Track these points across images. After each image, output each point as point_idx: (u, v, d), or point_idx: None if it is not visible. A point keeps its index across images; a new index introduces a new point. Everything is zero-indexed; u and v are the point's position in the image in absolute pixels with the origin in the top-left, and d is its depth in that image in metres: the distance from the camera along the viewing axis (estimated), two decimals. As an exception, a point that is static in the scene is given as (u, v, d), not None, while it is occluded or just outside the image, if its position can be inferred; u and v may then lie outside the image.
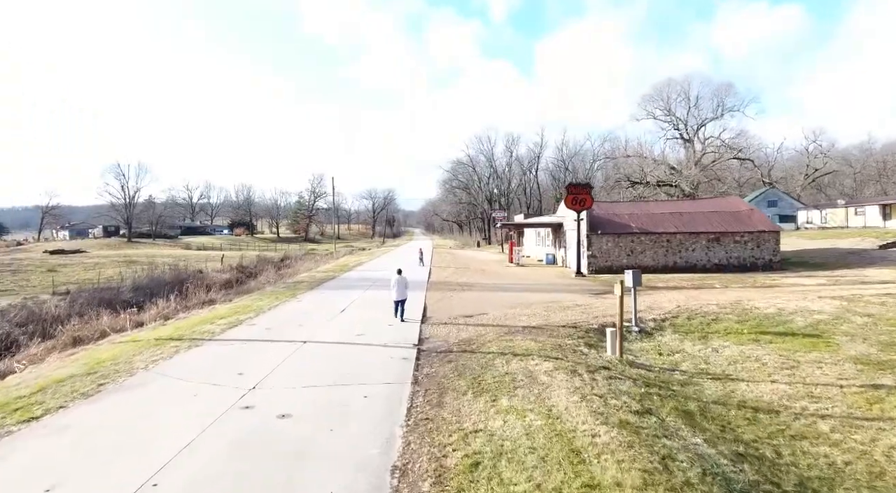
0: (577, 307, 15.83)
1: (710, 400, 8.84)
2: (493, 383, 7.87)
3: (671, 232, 28.23)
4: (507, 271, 30.63)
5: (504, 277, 26.91)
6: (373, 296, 18.72)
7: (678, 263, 28.09)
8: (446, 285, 22.67)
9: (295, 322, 13.35)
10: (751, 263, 27.91)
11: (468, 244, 79.28)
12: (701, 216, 29.63)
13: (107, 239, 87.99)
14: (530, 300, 17.34)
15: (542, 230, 39.43)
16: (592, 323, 13.64)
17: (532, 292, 19.71)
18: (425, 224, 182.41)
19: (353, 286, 21.92)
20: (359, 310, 15.44)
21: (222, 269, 42.11)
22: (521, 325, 13.02)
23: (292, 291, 20.76)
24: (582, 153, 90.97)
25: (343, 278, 26.16)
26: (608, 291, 20.23)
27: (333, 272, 29.68)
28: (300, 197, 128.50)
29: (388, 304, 16.08)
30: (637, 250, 28.26)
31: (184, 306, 18.16)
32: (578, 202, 27.03)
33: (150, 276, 31.57)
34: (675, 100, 53.95)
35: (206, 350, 10.41)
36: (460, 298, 18.35)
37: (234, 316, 14.63)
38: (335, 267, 34.44)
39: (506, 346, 10.54)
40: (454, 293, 19.56)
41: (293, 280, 26.32)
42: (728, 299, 17.19)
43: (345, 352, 10.15)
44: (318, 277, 27.25)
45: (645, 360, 11.31)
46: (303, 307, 16.17)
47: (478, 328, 12.64)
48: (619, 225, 29.02)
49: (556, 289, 20.97)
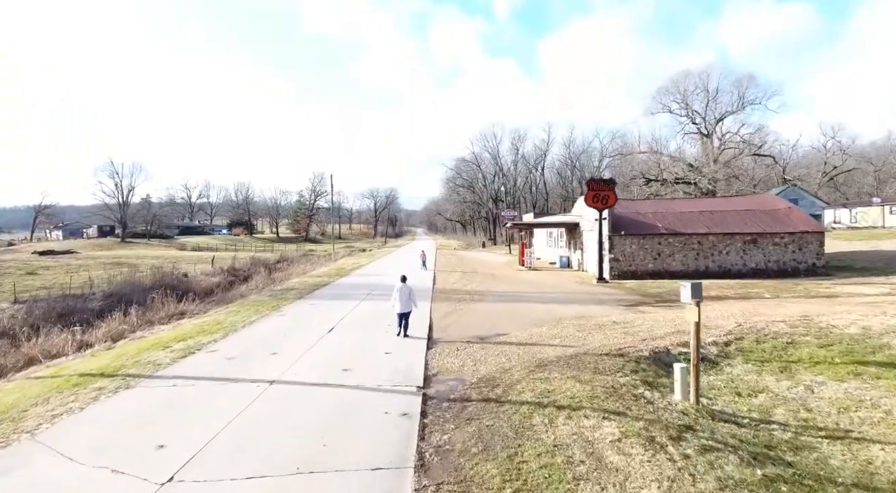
0: (616, 326, 13.04)
1: (849, 481, 6.07)
2: (540, 473, 5.10)
3: (702, 233, 25.40)
4: (519, 276, 27.85)
5: (517, 283, 24.13)
6: (369, 308, 15.99)
7: (710, 267, 25.26)
8: (454, 293, 19.92)
9: (268, 348, 10.61)
10: (792, 267, 25.06)
11: (472, 245, 76.50)
12: (734, 215, 26.78)
13: (101, 239, 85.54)
14: (556, 315, 14.56)
15: (555, 231, 36.64)
16: (641, 349, 10.86)
17: (555, 304, 16.94)
18: (428, 224, 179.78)
19: (348, 295, 19.18)
20: (350, 329, 12.70)
21: (212, 271, 39.46)
22: (554, 353, 10.25)
23: (277, 301, 18.04)
24: (590, 151, 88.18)
25: (338, 285, 23.42)
26: (643, 302, 17.45)
27: (328, 277, 26.96)
28: (300, 196, 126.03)
29: (386, 320, 13.39)
30: (665, 253, 25.45)
31: (147, 321, 15.47)
32: (600, 200, 24.23)
33: (130, 280, 28.90)
34: (693, 92, 51.02)
35: (135, 396, 7.68)
36: (472, 311, 15.60)
37: (196, 337, 11.91)
38: (331, 271, 31.73)
39: (543, 390, 7.78)
40: (464, 305, 16.80)
41: (282, 287, 23.61)
42: (791, 314, 14.38)
43: (323, 401, 7.40)
44: (310, 282, 24.53)
45: (725, 405, 8.54)
46: (283, 325, 13.44)
47: (499, 358, 9.87)
48: (644, 225, 26.21)
49: (580, 299, 18.19)
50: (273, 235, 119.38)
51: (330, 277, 27.17)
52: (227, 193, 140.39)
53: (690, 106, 51.27)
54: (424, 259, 32.21)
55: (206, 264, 47.94)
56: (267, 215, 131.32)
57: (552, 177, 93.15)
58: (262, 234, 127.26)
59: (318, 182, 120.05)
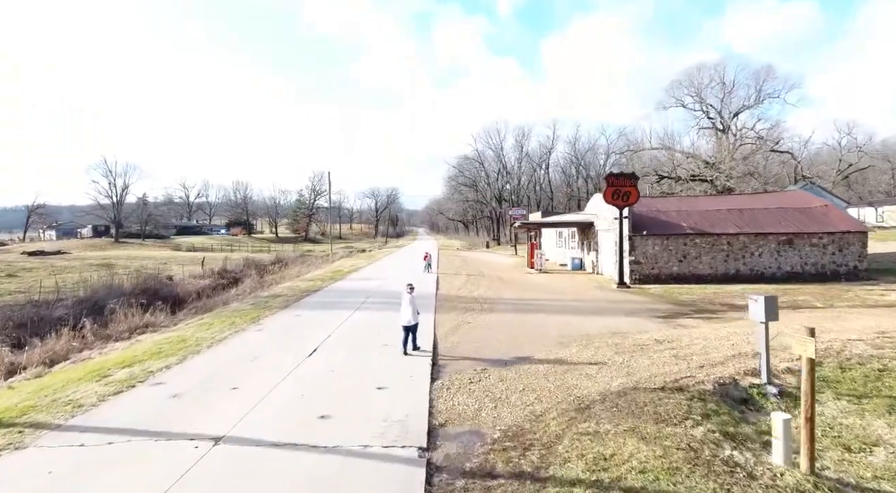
0: (660, 347, 10.76)
1: None
2: None
3: (732, 233, 23.10)
4: (529, 279, 25.58)
5: (529, 288, 21.87)
6: (363, 320, 13.75)
7: (741, 270, 22.97)
8: (460, 300, 17.67)
9: (229, 379, 8.38)
10: (831, 270, 22.75)
11: (476, 245, 74.23)
12: (766, 214, 24.48)
13: (94, 239, 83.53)
14: (583, 330, 12.31)
15: (566, 231, 34.35)
16: (702, 380, 8.60)
17: (577, 315, 14.67)
18: (429, 224, 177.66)
19: (340, 304, 16.95)
20: (337, 350, 10.46)
21: (201, 274, 37.24)
22: (595, 387, 7.99)
23: (259, 310, 15.81)
24: (596, 148, 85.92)
25: (330, 291, 21.18)
26: (679, 313, 15.16)
27: (321, 281, 24.72)
28: (300, 195, 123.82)
29: (381, 336, 11.19)
30: (691, 254, 23.15)
31: (104, 336, 13.24)
32: (621, 196, 21.96)
33: (108, 284, 26.70)
34: (708, 86, 48.65)
35: (13, 468, 5.42)
36: (482, 323, 13.35)
37: (147, 361, 9.69)
38: (326, 274, 29.50)
39: (596, 455, 5.52)
40: (472, 316, 14.55)
41: (269, 292, 21.39)
42: (863, 329, 12.10)
43: (280, 479, 5.13)
44: (301, 287, 22.31)
45: (838, 467, 6.26)
46: (258, 344, 11.20)
47: (525, 395, 7.62)
48: (668, 224, 23.93)
49: (604, 309, 15.91)
50: (272, 236, 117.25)
51: (323, 281, 24.93)
52: (227, 193, 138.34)
53: (705, 100, 48.97)
54: (430, 261, 29.90)
55: (198, 265, 45.79)
56: (266, 215, 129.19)
57: (556, 176, 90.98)
58: (261, 234, 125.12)
59: (318, 181, 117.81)
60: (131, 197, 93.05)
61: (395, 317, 13.68)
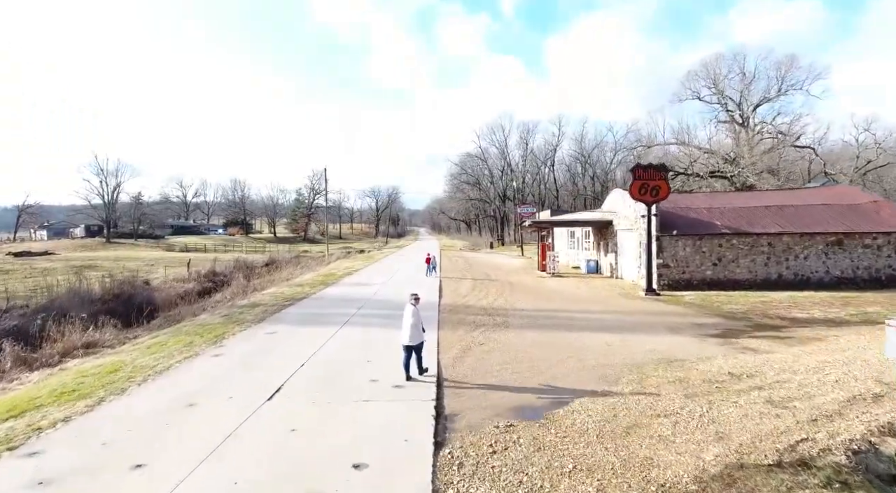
0: (738, 383, 8.09)
1: None
2: None
3: (774, 233, 20.41)
4: (543, 284, 22.90)
5: (546, 295, 19.21)
6: (350, 341, 11.13)
7: (784, 275, 20.28)
8: (467, 311, 15.03)
9: (135, 450, 5.76)
10: (887, 275, 20.04)
11: (479, 245, 71.58)
12: (809, 211, 21.79)
13: (86, 239, 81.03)
14: (627, 355, 9.66)
15: (579, 231, 31.69)
16: (826, 444, 5.95)
17: (612, 333, 12.00)
18: (431, 223, 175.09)
19: (325, 317, 14.32)
20: (305, 394, 7.83)
21: (185, 277, 34.66)
22: (681, 466, 5.34)
23: (227, 326, 13.19)
24: (602, 145, 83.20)
25: (319, 298, 18.56)
26: (734, 329, 12.46)
27: (310, 287, 22.10)
28: (299, 194, 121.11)
29: (370, 369, 8.61)
30: (727, 257, 20.46)
31: (25, 361, 10.61)
32: (650, 191, 19.29)
33: (75, 290, 24.12)
34: (726, 77, 45.85)
35: None
36: (498, 345, 10.71)
37: (46, 408, 7.10)
38: (318, 277, 26.87)
39: None
40: (485, 333, 11.90)
41: (249, 300, 18.76)
42: None
43: None
44: (286, 294, 19.69)
45: None
46: (205, 379, 8.58)
47: (577, 479, 4.99)
48: (699, 223, 21.25)
49: (640, 323, 13.24)
50: (271, 236, 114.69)
51: (313, 286, 22.31)
52: (225, 192, 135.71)
53: (723, 91, 46.14)
54: (434, 264, 27.24)
55: (190, 266, 43.22)
56: (264, 215, 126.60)
57: (561, 174, 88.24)
58: (259, 234, 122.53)
59: (317, 180, 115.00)
60: (125, 196, 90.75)
61: (391, 335, 11.10)
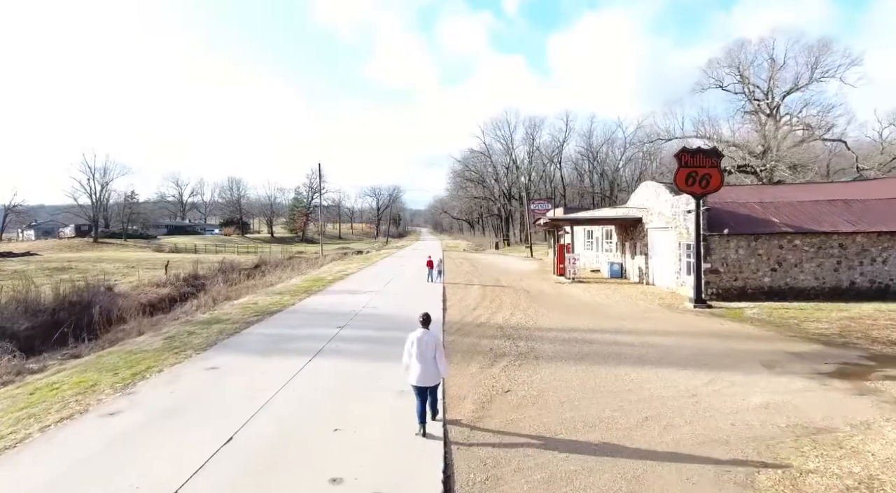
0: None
1: None
2: None
3: (845, 232, 17.01)
4: (565, 293, 19.51)
5: (573, 308, 15.81)
6: (318, 383, 7.81)
7: (858, 282, 16.89)
8: (480, 333, 11.70)
9: None
10: (983, 283, 16.66)
11: (483, 246, 68.20)
12: (882, 206, 18.38)
13: (75, 239, 77.97)
14: (736, 422, 6.32)
15: (599, 230, 28.31)
16: None
17: (685, 370, 8.64)
18: (433, 223, 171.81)
19: (293, 341, 11.00)
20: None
21: (161, 281, 31.37)
22: None
23: (163, 354, 9.89)
24: (612, 141, 79.74)
25: (295, 311, 15.22)
26: (851, 361, 9.04)
27: (291, 295, 18.77)
28: (297, 193, 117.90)
29: (339, 437, 5.18)
30: (788, 260, 17.08)
31: None
32: (698, 181, 15.93)
33: (22, 298, 20.86)
34: (753, 63, 42.34)
35: None
36: (530, 397, 7.36)
37: None
38: (303, 283, 23.53)
39: None
40: (507, 373, 8.55)
41: (212, 313, 15.44)
42: None
43: None
44: (258, 306, 16.37)
45: None
46: (62, 467, 5.24)
47: None
48: (753, 220, 17.87)
49: (715, 353, 9.86)
50: (268, 236, 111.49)
51: (295, 294, 18.99)
52: (223, 192, 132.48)
53: (749, 79, 42.62)
54: (440, 269, 23.74)
55: (172, 268, 39.96)
56: (262, 215, 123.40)
57: (567, 172, 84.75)
58: (257, 233, 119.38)
59: (316, 179, 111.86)
60: (118, 195, 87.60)
61: (377, 372, 7.91)
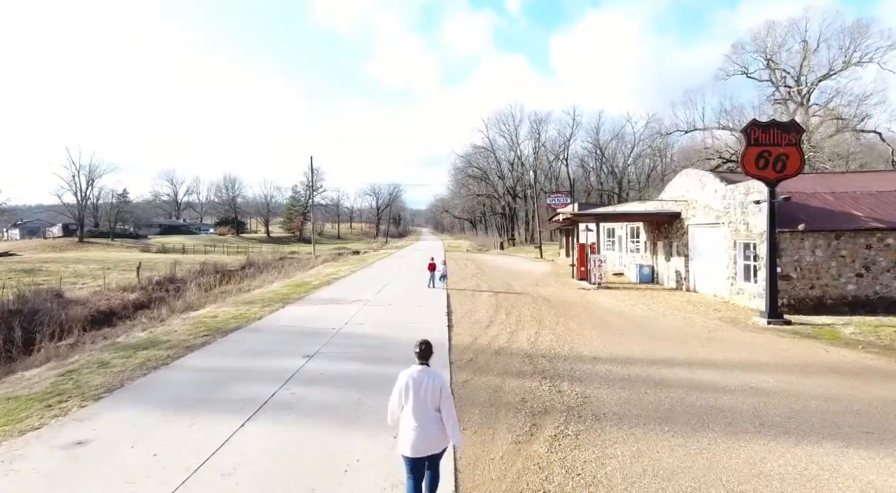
0: None
1: None
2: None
3: (948, 228, 13.66)
4: (593, 301, 16.13)
5: (614, 325, 12.42)
6: (242, 474, 4.44)
7: (967, 291, 13.53)
8: (501, 368, 8.36)
9: None
10: None
11: (487, 246, 64.80)
12: None
13: (61, 239, 74.88)
14: None
15: (623, 228, 24.93)
16: None
17: (839, 443, 5.28)
18: (434, 223, 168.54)
19: (235, 383, 7.69)
20: None
21: (131, 285, 28.00)
22: None
23: (31, 407, 6.56)
24: (622, 136, 76.46)
25: (258, 329, 11.87)
26: None
27: (263, 305, 15.43)
28: (294, 192, 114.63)
29: None
30: (879, 264, 13.71)
31: None
32: (772, 163, 12.57)
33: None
34: (782, 47, 38.93)
35: None
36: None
37: None
38: (282, 289, 20.20)
39: None
40: (554, 447, 5.18)
41: (152, 333, 12.07)
42: None
43: None
44: (218, 319, 13.05)
45: None
46: None
47: None
48: (830, 214, 14.52)
49: (852, 406, 6.48)
50: (264, 235, 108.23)
51: (269, 304, 15.66)
52: (219, 190, 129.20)
53: (777, 65, 39.24)
54: (444, 272, 20.24)
55: (152, 270, 36.66)
56: (259, 214, 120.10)
57: (573, 169, 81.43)
58: (254, 233, 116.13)
59: (314, 176, 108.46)
60: (108, 194, 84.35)
61: (352, 447, 4.68)
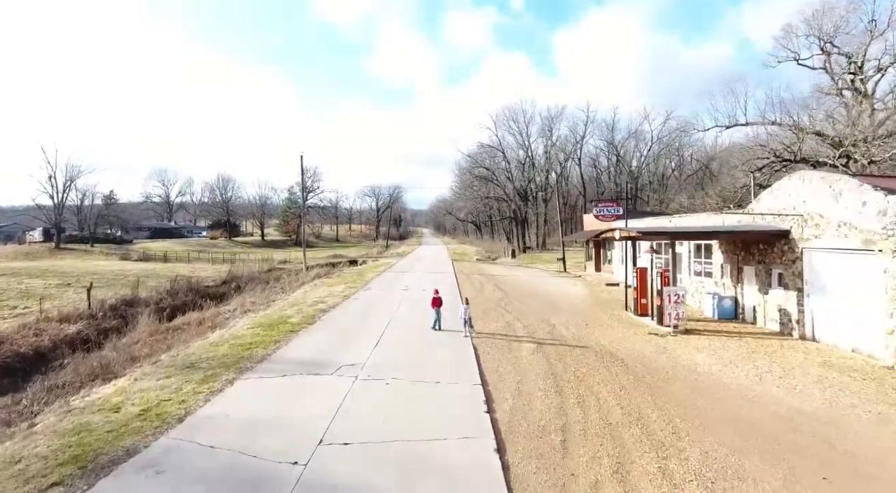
0: None
1: None
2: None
3: None
4: (684, 365, 10.89)
5: (768, 436, 7.21)
6: None
7: None
8: None
9: None
10: None
11: (496, 253, 59.64)
12: None
13: (35, 245, 69.81)
14: None
15: (682, 244, 19.80)
16: None
17: None
18: (435, 224, 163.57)
19: None
20: None
21: (74, 312, 22.81)
22: None
23: None
24: (639, 134, 71.53)
25: (158, 465, 6.73)
26: None
27: (206, 376, 10.31)
28: (290, 192, 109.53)
29: None
30: None
31: None
32: None
33: None
34: (839, 30, 33.92)
35: None
36: None
37: None
38: (245, 336, 14.99)
39: None
40: None
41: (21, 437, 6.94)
42: None
43: None
44: (107, 422, 7.95)
45: None
46: None
47: None
48: None
49: None
50: (259, 239, 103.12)
51: (215, 372, 10.52)
52: (213, 191, 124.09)
53: (837, 50, 34.15)
54: (467, 317, 13.79)
55: (125, 286, 31.62)
56: (253, 216, 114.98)
57: (585, 169, 76.41)
58: (249, 236, 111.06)
59: (311, 177, 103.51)
60: (93, 196, 79.31)
61: None
